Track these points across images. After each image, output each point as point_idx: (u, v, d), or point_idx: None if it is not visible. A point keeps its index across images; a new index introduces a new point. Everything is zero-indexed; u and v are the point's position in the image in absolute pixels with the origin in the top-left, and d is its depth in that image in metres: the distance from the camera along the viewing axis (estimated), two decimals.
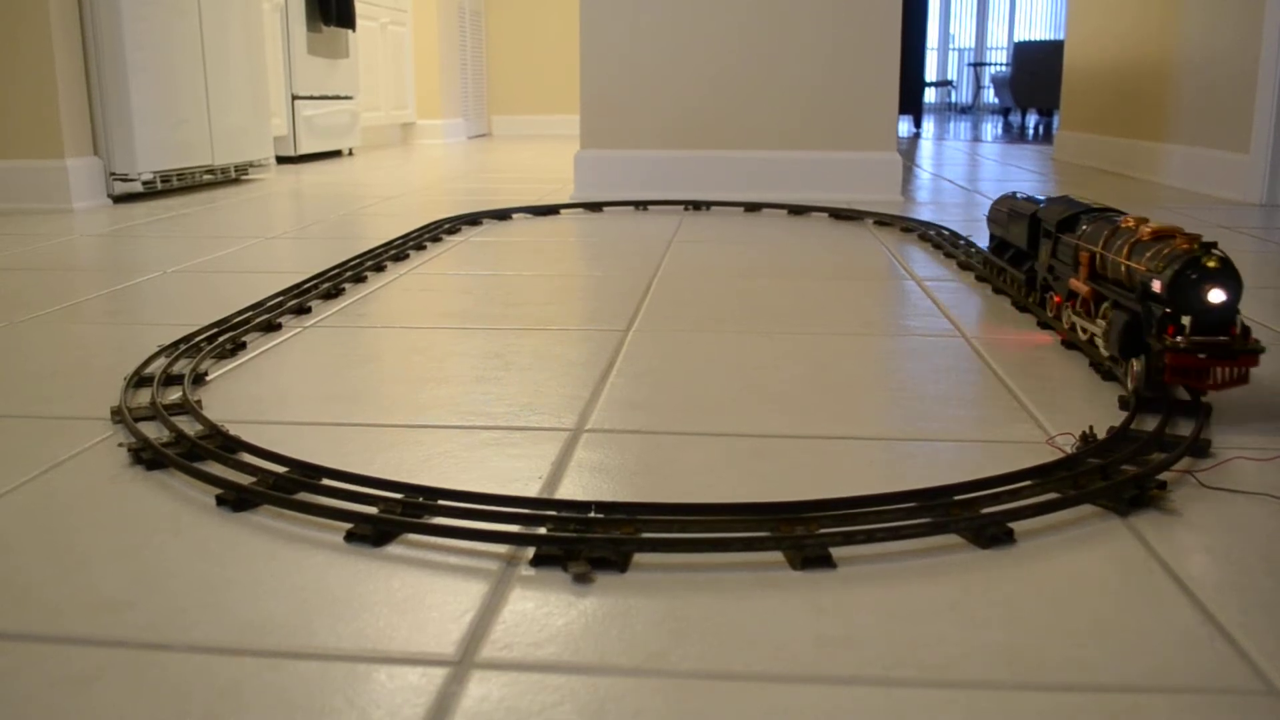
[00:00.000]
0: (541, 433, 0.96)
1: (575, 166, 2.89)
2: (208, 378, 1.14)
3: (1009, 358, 1.22)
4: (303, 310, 1.45)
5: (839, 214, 2.47)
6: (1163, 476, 0.84)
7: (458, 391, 1.08)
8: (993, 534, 0.73)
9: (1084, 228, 1.21)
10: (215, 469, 0.85)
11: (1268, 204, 2.67)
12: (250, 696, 0.55)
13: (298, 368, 1.18)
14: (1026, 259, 1.44)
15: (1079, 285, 1.19)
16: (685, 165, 2.87)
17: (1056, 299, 1.29)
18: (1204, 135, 3.00)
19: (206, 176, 3.09)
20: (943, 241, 1.99)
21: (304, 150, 4.13)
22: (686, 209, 2.64)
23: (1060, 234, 1.27)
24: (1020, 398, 1.06)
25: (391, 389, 1.09)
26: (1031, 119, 8.05)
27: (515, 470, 0.86)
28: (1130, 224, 1.11)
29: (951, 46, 12.92)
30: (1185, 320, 0.97)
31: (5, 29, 2.51)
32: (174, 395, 1.05)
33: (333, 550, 0.72)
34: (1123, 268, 1.08)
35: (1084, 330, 1.19)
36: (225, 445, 0.89)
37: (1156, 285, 1.00)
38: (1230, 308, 0.97)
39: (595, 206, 2.62)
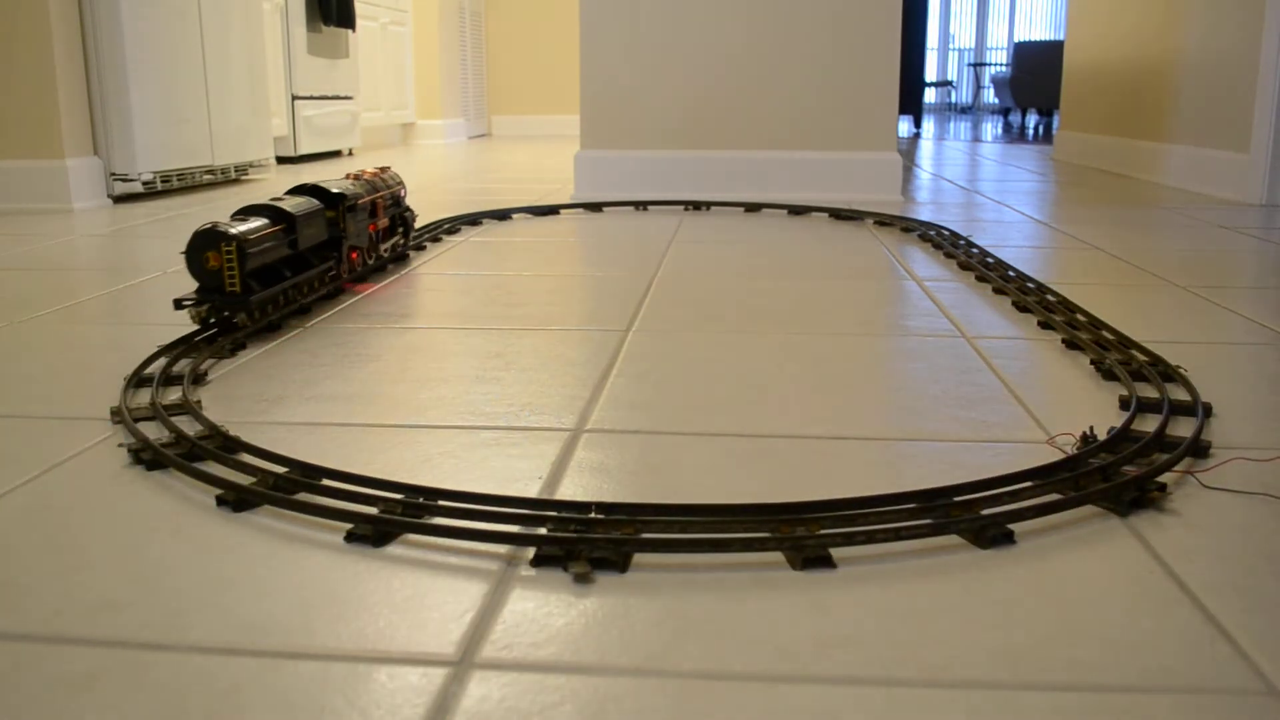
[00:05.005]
0: (541, 433, 0.96)
1: (575, 166, 2.89)
2: (208, 378, 1.14)
3: (1009, 358, 1.22)
4: (303, 310, 1.45)
5: (839, 214, 2.47)
6: (1163, 477, 0.84)
7: (458, 391, 1.08)
8: (993, 535, 0.73)
9: None
10: (215, 469, 0.85)
11: (1268, 204, 2.67)
12: (250, 697, 0.55)
13: (298, 368, 1.18)
14: None
15: None
16: (685, 165, 2.87)
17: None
18: (1204, 135, 3.00)
19: (206, 177, 3.09)
20: (943, 241, 1.99)
21: (304, 150, 4.13)
22: (686, 209, 2.64)
23: None
24: (1020, 398, 1.06)
25: (391, 389, 1.09)
26: (1031, 119, 8.05)
27: (515, 470, 0.86)
28: None
29: (951, 46, 12.92)
30: None
31: (5, 29, 2.51)
32: (174, 395, 1.05)
33: (333, 550, 0.72)
34: None
35: None
36: (225, 445, 0.89)
37: None
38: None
39: (595, 206, 2.62)
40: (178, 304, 1.29)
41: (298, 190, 1.54)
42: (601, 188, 2.89)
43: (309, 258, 1.48)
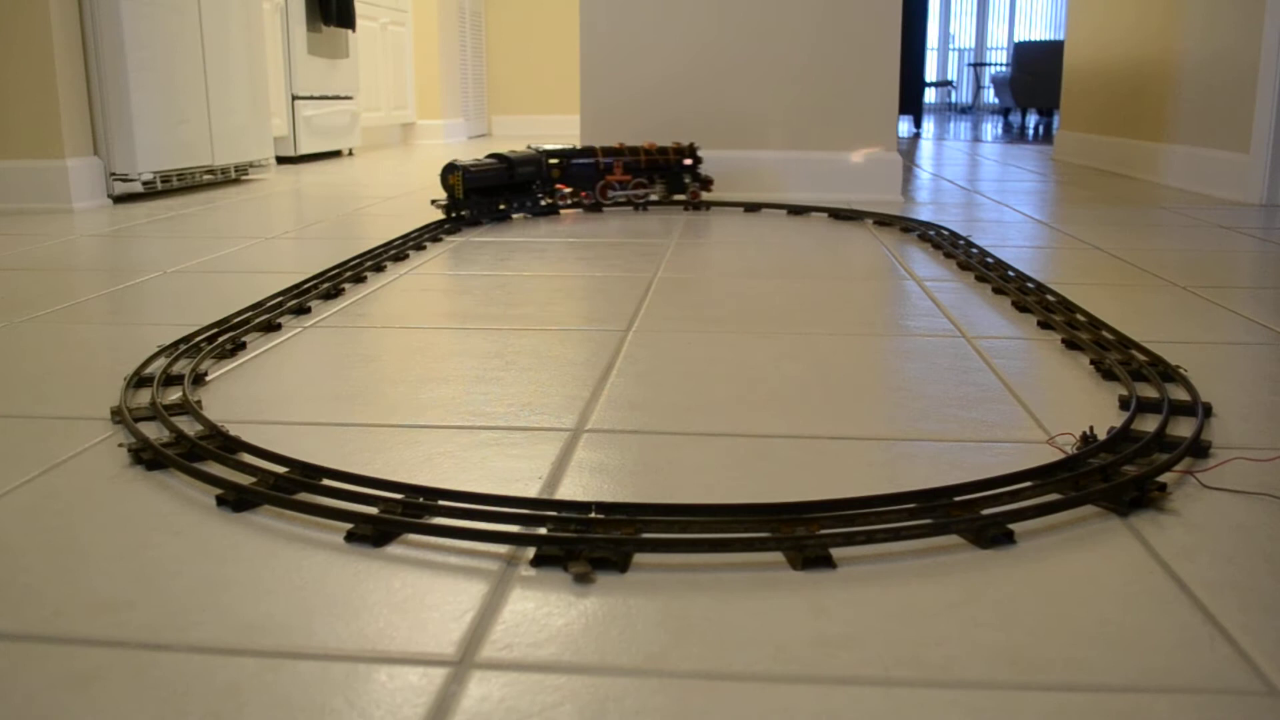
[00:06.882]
0: (541, 433, 0.96)
1: None
2: (208, 378, 1.14)
3: (1009, 358, 1.22)
4: (303, 310, 1.45)
5: (839, 214, 2.47)
6: (1163, 477, 0.84)
7: (458, 391, 1.08)
8: (993, 535, 0.73)
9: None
10: (215, 469, 0.85)
11: (1268, 204, 2.67)
12: (250, 697, 0.55)
13: (298, 368, 1.18)
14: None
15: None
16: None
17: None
18: (1204, 135, 3.00)
19: (206, 176, 3.09)
20: (943, 241, 1.99)
21: (304, 150, 4.13)
22: (686, 209, 2.64)
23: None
24: (1020, 398, 1.06)
25: (391, 389, 1.09)
26: (1031, 119, 8.06)
27: (515, 470, 0.86)
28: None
29: (951, 46, 12.92)
30: None
31: (5, 29, 2.51)
32: (174, 395, 1.05)
33: (333, 550, 0.72)
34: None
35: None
36: (225, 445, 0.89)
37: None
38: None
39: (595, 206, 2.62)
40: (434, 202, 2.30)
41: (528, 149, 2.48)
42: None
43: (528, 188, 2.42)
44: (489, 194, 2.32)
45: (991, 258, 1.79)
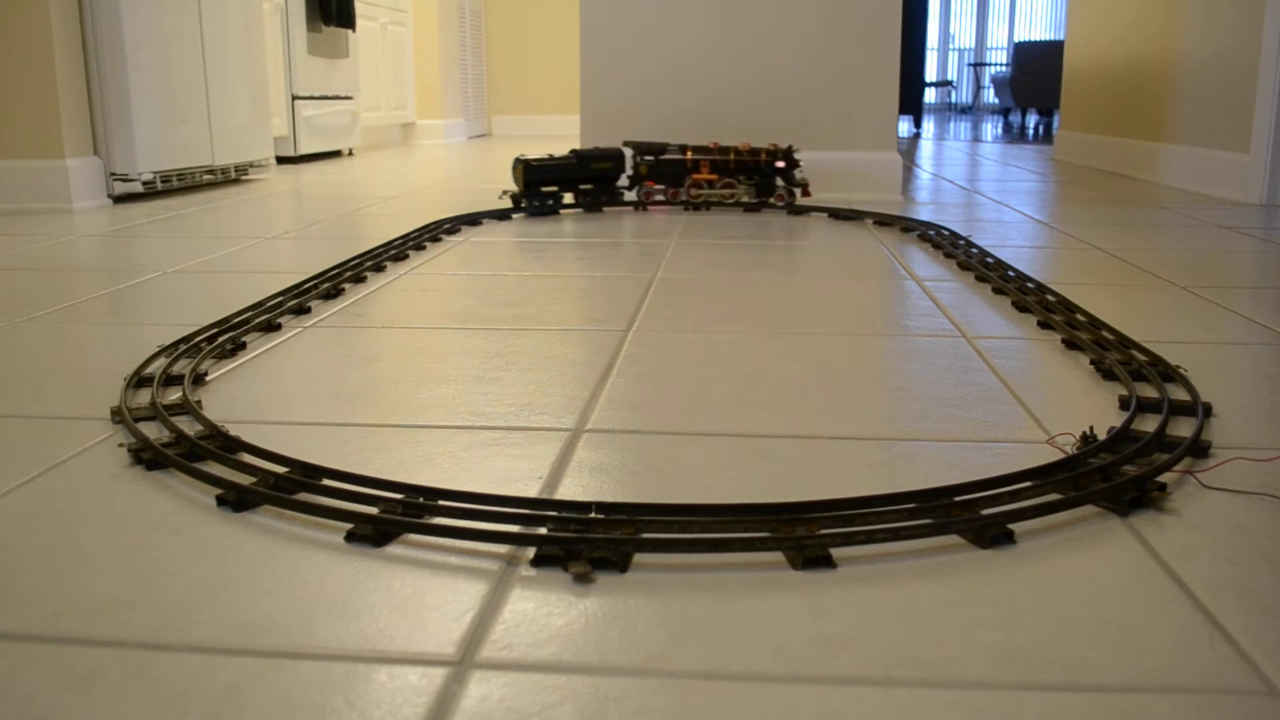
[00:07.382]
0: (541, 433, 0.96)
1: None
2: (208, 378, 1.14)
3: (1009, 358, 1.22)
4: (303, 310, 1.45)
5: (839, 214, 2.47)
6: (1163, 477, 0.84)
7: (458, 391, 1.08)
8: (993, 535, 0.73)
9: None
10: (215, 469, 0.85)
11: (1268, 204, 2.67)
12: (250, 697, 0.55)
13: (298, 368, 1.18)
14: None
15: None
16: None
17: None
18: (1204, 135, 3.00)
19: (206, 176, 3.09)
20: (943, 241, 1.99)
21: (304, 150, 4.13)
22: (686, 209, 2.64)
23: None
24: (1020, 398, 1.06)
25: (391, 389, 1.09)
26: (1031, 119, 8.06)
27: (515, 470, 0.86)
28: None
29: (951, 46, 12.92)
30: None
31: (5, 29, 2.51)
32: (174, 395, 1.05)
33: (333, 550, 0.72)
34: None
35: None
36: (225, 445, 0.89)
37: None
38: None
39: (595, 206, 2.62)
40: (503, 194, 2.53)
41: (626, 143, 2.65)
42: None
43: (607, 183, 2.58)
44: (562, 186, 2.51)
45: (991, 258, 1.79)
